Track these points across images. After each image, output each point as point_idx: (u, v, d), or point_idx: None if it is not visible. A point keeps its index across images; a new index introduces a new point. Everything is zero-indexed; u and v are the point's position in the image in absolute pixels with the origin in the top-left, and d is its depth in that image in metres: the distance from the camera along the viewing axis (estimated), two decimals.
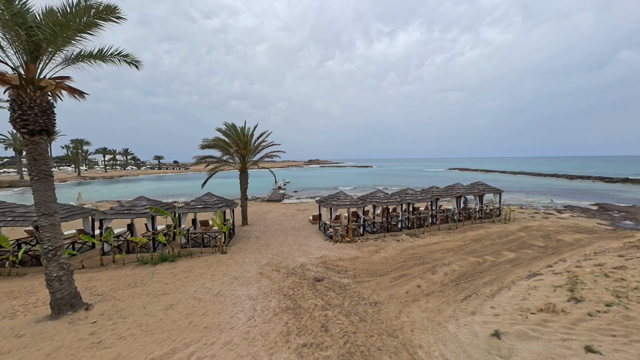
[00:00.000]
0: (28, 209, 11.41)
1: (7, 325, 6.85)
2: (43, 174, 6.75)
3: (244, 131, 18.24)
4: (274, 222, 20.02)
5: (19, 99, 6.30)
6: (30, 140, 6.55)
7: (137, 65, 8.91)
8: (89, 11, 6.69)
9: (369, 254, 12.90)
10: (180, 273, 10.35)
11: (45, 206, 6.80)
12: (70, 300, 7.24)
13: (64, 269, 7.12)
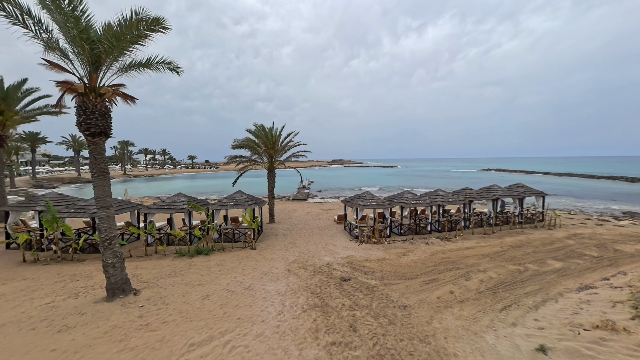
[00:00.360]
0: (87, 202, 12.90)
1: (72, 304, 7.82)
2: (102, 171, 7.60)
3: (272, 132, 18.79)
4: (300, 221, 20.35)
5: (83, 105, 7.15)
6: (91, 141, 7.40)
7: (178, 71, 9.62)
8: (140, 24, 7.37)
9: (396, 256, 12.57)
10: (214, 266, 10.97)
11: (103, 200, 7.64)
12: (122, 285, 8.05)
13: (117, 257, 7.93)
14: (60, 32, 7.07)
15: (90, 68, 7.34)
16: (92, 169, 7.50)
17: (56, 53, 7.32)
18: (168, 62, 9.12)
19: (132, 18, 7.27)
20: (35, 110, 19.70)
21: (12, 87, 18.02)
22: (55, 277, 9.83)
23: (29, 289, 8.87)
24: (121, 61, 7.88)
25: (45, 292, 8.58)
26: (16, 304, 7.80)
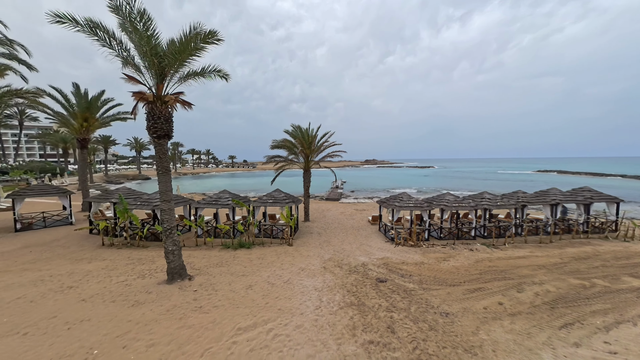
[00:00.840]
0: (150, 196, 14.78)
1: (140, 283, 9.08)
2: (165, 169, 8.69)
3: (308, 132, 19.30)
4: (334, 220, 20.54)
5: (152, 111, 8.26)
6: (157, 142, 8.51)
7: (227, 77, 10.49)
8: (197, 37, 8.25)
9: (435, 260, 12.00)
10: (255, 259, 11.72)
11: (166, 194, 8.73)
12: (179, 270, 9.10)
13: (176, 245, 8.99)
14: (135, 50, 8.26)
15: (157, 79, 8.44)
16: (157, 167, 8.62)
17: (131, 68, 8.58)
18: (218, 70, 10.02)
19: (191, 32, 8.18)
20: (109, 117, 23.12)
21: (94, 98, 21.43)
22: (126, 260, 11.49)
23: (108, 268, 10.53)
24: (181, 72, 8.89)
25: (120, 272, 10.10)
26: (99, 280, 9.33)
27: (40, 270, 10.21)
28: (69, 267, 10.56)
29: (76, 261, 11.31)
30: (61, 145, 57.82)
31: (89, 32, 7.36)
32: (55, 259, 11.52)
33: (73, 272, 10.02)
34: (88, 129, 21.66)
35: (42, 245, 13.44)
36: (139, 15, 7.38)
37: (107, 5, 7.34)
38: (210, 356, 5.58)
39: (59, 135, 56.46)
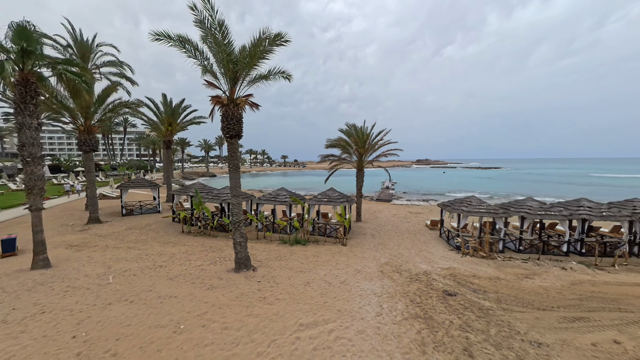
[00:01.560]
0: (219, 191, 16.49)
1: (213, 269, 10.11)
2: (235, 166, 9.45)
3: (362, 130, 18.82)
4: (387, 222, 19.60)
5: (226, 113, 9.06)
6: (230, 142, 9.31)
7: (289, 78, 10.82)
8: (265, 41, 8.69)
9: (515, 277, 10.25)
10: (311, 256, 11.90)
11: (235, 189, 9.50)
12: (245, 261, 9.81)
13: (243, 237, 9.71)
14: (213, 58, 9.17)
15: (231, 83, 9.22)
16: (229, 165, 9.44)
17: (209, 75, 9.57)
18: (282, 72, 10.41)
19: (260, 37, 8.67)
20: (187, 121, 26.75)
21: (176, 105, 25.11)
22: (200, 247, 13.01)
23: (187, 252, 12.07)
24: (250, 75, 9.53)
25: (196, 257, 11.47)
26: (181, 263, 10.74)
27: (139, 250, 12.33)
28: (159, 249, 12.49)
29: (164, 244, 13.32)
30: (151, 146, 70.01)
31: (180, 46, 8.46)
32: (149, 241, 13.78)
33: (162, 254, 11.80)
34: (172, 132, 25.49)
35: (140, 228, 16.29)
36: (219, 25, 8.14)
37: (192, 21, 8.32)
38: (277, 348, 5.75)
39: (150, 139, 68.45)
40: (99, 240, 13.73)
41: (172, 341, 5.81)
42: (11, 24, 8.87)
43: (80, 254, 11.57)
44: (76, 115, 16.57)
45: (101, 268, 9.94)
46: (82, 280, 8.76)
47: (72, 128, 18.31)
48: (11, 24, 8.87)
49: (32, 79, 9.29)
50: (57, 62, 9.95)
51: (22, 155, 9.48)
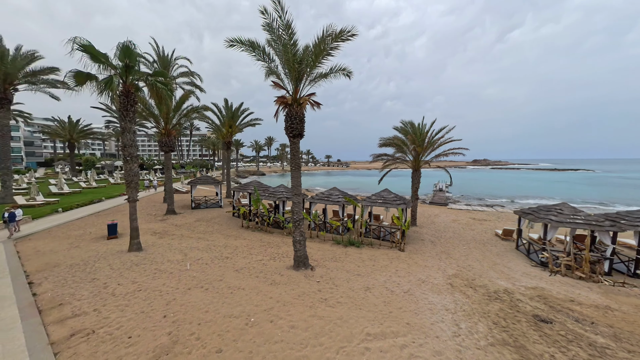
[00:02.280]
0: (275, 189, 17.20)
1: (273, 265, 10.44)
2: (297, 165, 9.56)
3: (420, 127, 17.45)
4: (446, 228, 17.80)
5: (290, 113, 9.20)
6: (292, 141, 9.44)
7: (350, 75, 10.50)
8: (329, 38, 8.53)
9: (634, 308, 8.05)
10: (367, 260, 11.41)
11: (297, 188, 9.60)
12: (304, 259, 9.87)
13: (303, 236, 9.77)
14: (278, 60, 9.41)
15: (294, 83, 9.34)
16: (291, 164, 9.59)
17: (273, 76, 9.88)
18: (343, 69, 10.15)
19: (324, 35, 8.54)
20: (244, 124, 28.79)
21: (236, 109, 27.26)
22: (259, 242, 13.68)
23: (248, 246, 12.80)
24: (313, 74, 9.51)
25: (257, 251, 12.06)
26: (244, 256, 11.40)
27: (208, 241, 13.56)
28: (224, 241, 13.54)
29: (227, 237, 14.42)
30: (211, 147, 78.11)
31: (250, 49, 8.90)
32: (215, 233, 15.10)
33: (227, 246, 12.75)
34: (231, 133, 27.76)
35: (206, 221, 18.04)
36: (286, 27, 8.29)
37: (261, 25, 8.64)
38: (346, 356, 5.48)
39: (211, 140, 76.41)
40: (176, 229, 15.60)
41: (245, 333, 6.03)
42: (118, 44, 10.55)
43: (162, 240, 13.27)
44: (159, 120, 19.21)
45: (179, 255, 11.17)
46: (166, 265, 9.94)
47: (155, 132, 21.30)
48: (118, 44, 10.55)
49: (132, 90, 10.93)
50: (150, 74, 11.51)
51: (124, 154, 11.24)
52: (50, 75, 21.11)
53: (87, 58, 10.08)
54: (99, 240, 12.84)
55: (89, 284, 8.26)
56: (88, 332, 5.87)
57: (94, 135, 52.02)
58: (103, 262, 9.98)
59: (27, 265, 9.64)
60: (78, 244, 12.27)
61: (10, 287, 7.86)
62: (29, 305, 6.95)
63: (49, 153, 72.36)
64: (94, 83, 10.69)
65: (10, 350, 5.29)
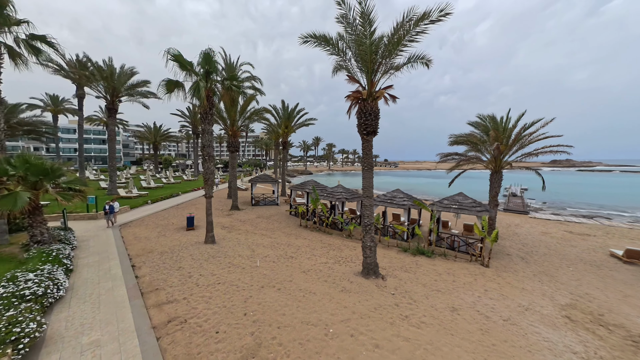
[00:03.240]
0: (333, 190, 16.83)
1: (339, 269, 9.94)
2: (369, 165, 8.84)
3: (504, 122, 14.86)
4: (537, 243, 14.80)
5: (364, 109, 8.54)
6: (366, 139, 8.76)
7: (428, 64, 9.29)
8: (412, 23, 7.55)
9: None
10: (444, 273, 10.00)
11: (368, 190, 8.89)
12: (374, 267, 9.10)
13: (373, 242, 9.02)
14: (351, 52, 8.83)
15: (369, 76, 8.62)
16: (362, 164, 8.92)
17: (342, 71, 9.35)
18: (422, 57, 9.03)
19: (404, 20, 7.60)
20: (298, 124, 29.36)
21: (291, 110, 27.98)
22: (320, 243, 13.41)
23: (310, 247, 12.63)
24: (389, 65, 8.65)
25: (319, 253, 11.77)
26: (308, 257, 11.20)
27: (271, 238, 13.89)
28: (285, 240, 13.68)
29: (288, 235, 14.57)
30: (264, 147, 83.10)
31: (324, 44, 8.54)
32: (276, 231, 15.45)
33: (289, 244, 12.80)
34: (287, 133, 28.61)
35: (266, 218, 18.73)
36: (365, 15, 7.64)
37: (335, 17, 8.17)
38: None
39: (263, 141, 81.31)
40: (241, 225, 16.51)
41: (327, 346, 5.58)
42: (201, 52, 11.43)
43: (231, 235, 14.08)
44: (226, 122, 20.75)
45: (248, 250, 11.58)
46: (237, 260, 10.34)
47: (221, 134, 23.08)
48: (201, 52, 11.43)
49: (211, 95, 11.75)
50: (226, 78, 12.24)
51: (202, 154, 12.17)
52: (143, 87, 24.92)
53: (176, 66, 11.16)
54: (180, 231, 14.29)
55: (176, 271, 9.01)
56: (181, 321, 6.20)
57: (171, 138, 60.38)
58: (185, 252, 10.92)
59: (130, 249, 11.15)
60: (164, 233, 13.85)
61: (119, 269, 9.08)
62: (133, 287, 7.83)
63: (139, 153, 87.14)
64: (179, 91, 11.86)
65: (124, 328, 5.87)
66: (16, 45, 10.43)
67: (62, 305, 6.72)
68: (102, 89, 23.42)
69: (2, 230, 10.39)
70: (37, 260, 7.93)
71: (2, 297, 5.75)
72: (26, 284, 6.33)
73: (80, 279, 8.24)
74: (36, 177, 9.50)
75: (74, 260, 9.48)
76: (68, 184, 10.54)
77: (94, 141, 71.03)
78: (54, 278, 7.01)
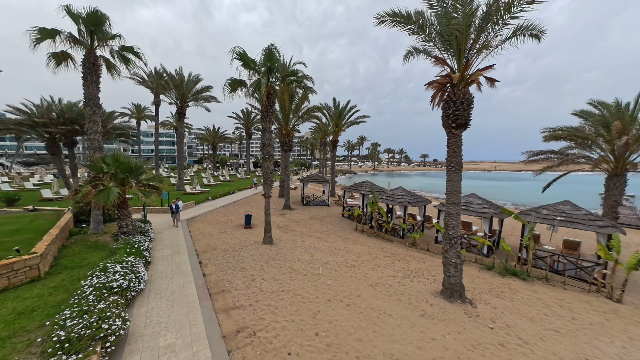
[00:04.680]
0: (393, 192, 15.31)
1: (412, 286, 8.56)
2: (458, 165, 7.27)
3: (634, 110, 11.30)
4: None
5: (454, 96, 7.02)
6: (454, 133, 7.23)
7: (539, 36, 7.26)
8: None
9: None
10: (554, 306, 7.76)
11: (455, 196, 7.32)
12: (459, 289, 7.51)
13: (460, 259, 7.42)
14: (434, 31, 7.36)
15: (460, 58, 7.05)
16: (449, 164, 7.40)
17: (423, 53, 7.92)
18: (531, 28, 7.06)
19: None
20: (349, 122, 28.26)
21: (342, 107, 27.06)
22: (381, 251, 12.11)
23: (371, 255, 11.45)
24: (490, 40, 6.95)
25: (383, 263, 10.51)
26: (371, 267, 10.04)
27: (327, 242, 13.14)
28: (343, 245, 12.76)
29: (345, 240, 13.64)
30: (309, 147, 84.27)
31: (404, 23, 7.30)
32: (331, 234, 14.67)
33: (348, 251, 11.84)
34: (337, 132, 27.81)
35: (319, 219, 18.16)
36: None
37: None
38: None
39: (309, 141, 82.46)
40: (295, 225, 16.22)
41: None
42: (263, 49, 11.25)
43: (287, 235, 13.78)
44: (280, 121, 20.86)
45: (306, 254, 10.99)
46: (297, 265, 9.79)
47: (275, 134, 23.40)
48: (263, 49, 11.25)
49: (271, 92, 11.51)
50: (287, 75, 11.90)
51: (262, 153, 12.05)
52: (206, 92, 27.02)
53: (241, 65, 11.20)
54: (238, 229, 14.60)
55: (239, 272, 8.84)
56: (250, 333, 5.74)
57: (226, 139, 65.53)
58: (246, 252, 10.85)
59: (196, 244, 11.62)
60: (225, 230, 14.29)
61: (189, 264, 9.34)
62: (202, 286, 7.81)
63: (200, 153, 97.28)
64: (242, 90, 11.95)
65: (196, 334, 5.65)
66: (111, 56, 11.73)
67: (142, 299, 6.95)
68: (174, 95, 26.07)
69: (98, 220, 11.82)
70: (123, 252, 8.56)
71: (96, 288, 6.10)
72: (114, 276, 6.68)
73: (157, 272, 8.63)
74: (124, 174, 10.46)
75: (151, 252, 10.14)
76: (148, 180, 11.44)
77: (166, 143, 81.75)
78: (136, 271, 7.34)
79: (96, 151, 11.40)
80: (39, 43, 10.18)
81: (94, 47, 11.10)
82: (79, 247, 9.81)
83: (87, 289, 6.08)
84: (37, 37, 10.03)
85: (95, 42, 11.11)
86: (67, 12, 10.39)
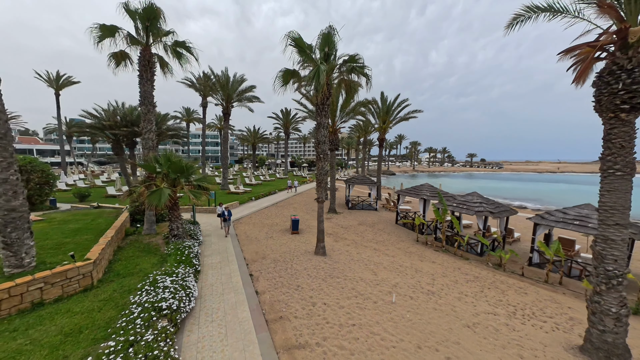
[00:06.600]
0: (466, 199, 12.75)
1: (531, 334, 6.24)
2: (628, 167, 4.85)
3: None
4: None
5: (629, 62, 4.62)
6: (623, 119, 4.81)
7: None
8: None
9: None
10: None
11: (620, 213, 4.91)
12: (621, 352, 5.05)
13: (625, 307, 4.98)
14: None
15: None
16: (610, 163, 5.00)
17: None
18: None
19: None
20: (397, 118, 25.71)
21: (391, 102, 24.66)
22: (459, 272, 9.82)
23: (447, 277, 9.26)
24: None
25: (470, 292, 8.27)
26: (457, 296, 7.91)
27: (387, 255, 11.25)
28: (408, 261, 10.74)
29: (408, 254, 11.59)
30: (345, 147, 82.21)
31: None
32: (389, 245, 12.71)
33: (416, 270, 9.81)
34: (385, 129, 25.49)
35: (369, 226, 16.28)
36: None
37: None
38: None
39: (346, 140, 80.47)
40: (344, 232, 14.61)
41: None
42: (320, 32, 9.84)
43: (339, 245, 12.23)
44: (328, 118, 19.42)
45: (367, 271, 9.28)
46: (362, 286, 8.12)
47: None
48: (320, 32, 9.84)
49: (328, 82, 10.03)
50: (347, 61, 10.36)
51: (317, 151, 10.69)
52: (250, 92, 27.01)
53: (295, 52, 9.97)
54: (285, 234, 13.50)
55: (295, 292, 7.52)
56: None
57: (265, 139, 67.03)
58: (298, 264, 9.56)
59: (245, 251, 10.73)
60: (272, 234, 13.30)
61: (239, 277, 8.34)
62: (256, 308, 6.63)
63: (240, 153, 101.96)
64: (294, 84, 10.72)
65: None
66: (164, 52, 11.47)
67: (192, 321, 5.98)
68: (220, 96, 26.52)
69: (151, 221, 11.67)
70: (173, 260, 7.85)
71: (144, 309, 5.23)
72: (164, 293, 5.79)
73: (207, 285, 7.75)
74: (175, 174, 9.97)
75: (200, 259, 9.44)
76: (197, 181, 10.89)
77: (211, 144, 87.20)
78: (186, 287, 6.44)
79: (150, 150, 11.21)
80: (102, 40, 10.20)
81: (149, 44, 10.88)
82: (132, 250, 9.52)
83: (135, 309, 5.25)
84: (99, 34, 10.04)
85: (150, 38, 10.89)
86: (125, 9, 10.26)
